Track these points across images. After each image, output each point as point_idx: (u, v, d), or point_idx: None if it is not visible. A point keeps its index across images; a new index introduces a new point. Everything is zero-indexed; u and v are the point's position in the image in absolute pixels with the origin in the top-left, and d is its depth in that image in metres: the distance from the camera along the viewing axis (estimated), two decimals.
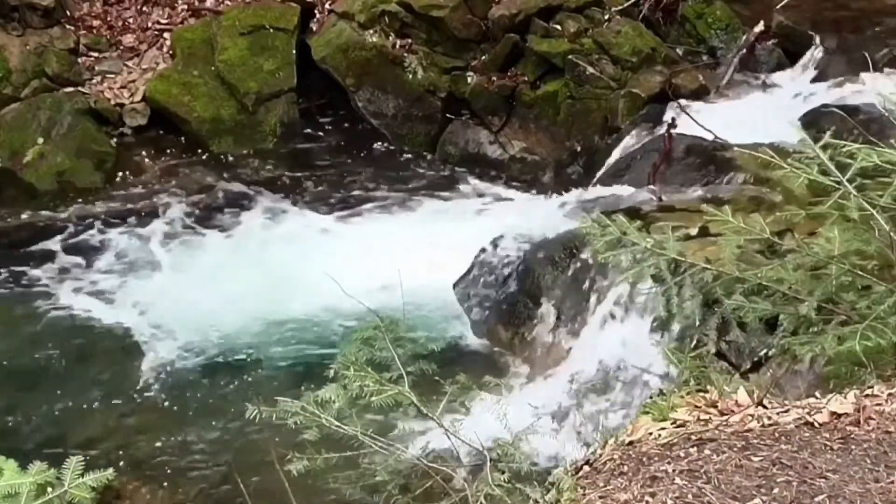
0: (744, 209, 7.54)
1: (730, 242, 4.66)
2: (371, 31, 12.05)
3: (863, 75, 10.61)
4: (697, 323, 5.49)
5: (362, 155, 12.08)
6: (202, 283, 10.16)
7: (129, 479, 7.94)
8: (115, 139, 11.95)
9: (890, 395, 3.84)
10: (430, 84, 11.94)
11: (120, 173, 11.75)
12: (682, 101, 10.94)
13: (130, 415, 8.85)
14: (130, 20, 12.72)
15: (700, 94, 11.17)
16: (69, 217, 11.21)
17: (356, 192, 11.51)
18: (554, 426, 7.74)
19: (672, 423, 3.77)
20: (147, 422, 8.77)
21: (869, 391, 3.89)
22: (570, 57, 11.41)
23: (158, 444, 8.53)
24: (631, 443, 3.70)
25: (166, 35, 12.58)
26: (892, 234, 4.38)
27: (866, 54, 10.70)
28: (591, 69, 11.32)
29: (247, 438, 8.12)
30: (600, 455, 3.66)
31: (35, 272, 10.53)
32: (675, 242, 4.70)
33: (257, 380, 9.12)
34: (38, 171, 11.51)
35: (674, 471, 3.43)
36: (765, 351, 7.00)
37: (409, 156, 12.03)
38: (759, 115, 10.44)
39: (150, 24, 12.68)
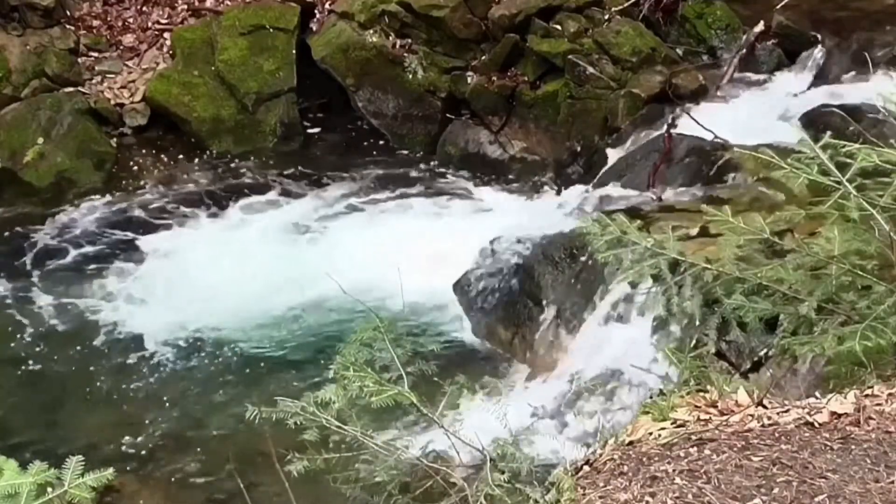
0: (744, 209, 7.54)
1: (730, 242, 4.66)
2: (371, 31, 12.06)
3: (863, 75, 10.61)
4: (697, 323, 5.49)
5: (362, 155, 12.09)
6: (203, 282, 10.16)
7: (129, 479, 7.94)
8: (115, 139, 11.97)
9: (890, 395, 3.84)
10: (430, 84, 11.94)
11: (120, 173, 11.76)
12: (683, 102, 10.95)
13: (131, 414, 8.86)
14: (130, 20, 12.73)
15: (700, 94, 11.15)
16: (69, 217, 11.21)
17: (356, 192, 11.51)
18: (554, 426, 7.75)
19: (672, 423, 3.77)
20: (148, 421, 8.77)
21: (869, 391, 3.89)
22: (570, 57, 11.41)
23: (159, 443, 8.54)
24: (631, 443, 3.70)
25: (166, 35, 12.58)
26: (892, 234, 4.38)
27: (866, 54, 10.70)
28: (591, 69, 11.31)
29: (247, 438, 8.11)
30: (600, 455, 3.66)
31: (35, 272, 10.53)
32: (675, 242, 4.70)
33: (258, 378, 9.12)
34: (38, 171, 11.52)
35: (674, 471, 3.43)
36: (765, 351, 7.00)
37: (409, 156, 12.04)
38: (759, 114, 10.44)
39: (150, 24, 12.68)
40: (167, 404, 8.95)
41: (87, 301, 10.14)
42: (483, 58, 11.92)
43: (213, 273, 10.28)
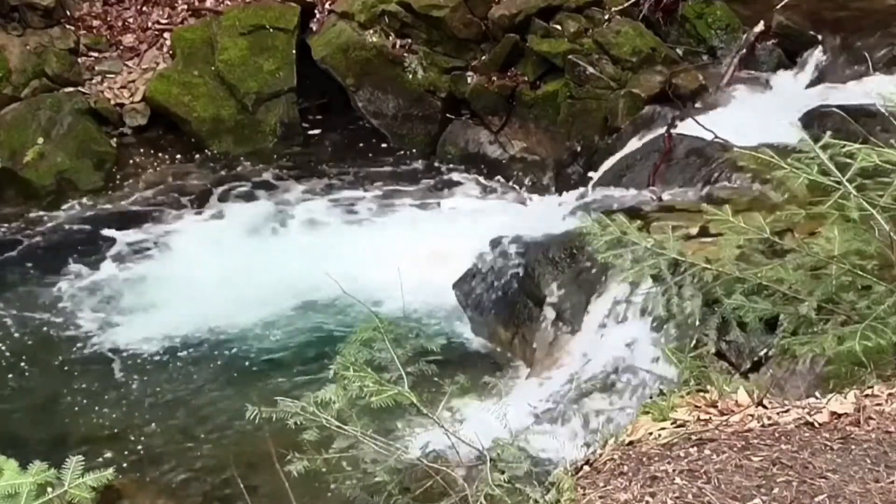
0: (744, 209, 7.54)
1: (730, 242, 4.66)
2: (371, 31, 12.06)
3: (863, 75, 10.61)
4: (697, 323, 5.49)
5: (362, 155, 12.09)
6: (202, 282, 10.16)
7: (129, 479, 7.94)
8: (115, 139, 11.97)
9: (890, 395, 3.84)
10: (430, 84, 11.94)
11: (120, 173, 11.76)
12: (683, 102, 10.95)
13: (130, 414, 8.85)
14: (130, 20, 12.73)
15: (700, 94, 11.16)
16: (69, 217, 11.22)
17: (356, 192, 11.52)
18: (554, 426, 7.75)
19: (672, 423, 3.77)
20: (147, 421, 8.77)
21: (869, 391, 3.88)
22: (570, 57, 11.41)
23: (159, 443, 8.54)
24: (631, 443, 3.70)
25: (166, 35, 12.58)
26: (892, 234, 4.38)
27: (866, 54, 10.70)
28: (591, 69, 11.31)
29: (247, 438, 8.12)
30: (600, 455, 3.66)
31: (34, 272, 10.53)
32: (675, 242, 4.70)
33: (258, 378, 9.12)
34: (38, 171, 11.51)
35: (674, 471, 3.43)
36: (765, 351, 7.00)
37: (409, 156, 12.04)
38: (758, 114, 10.44)
39: (150, 24, 12.68)
40: (167, 404, 8.95)
41: (86, 299, 10.14)
42: (483, 58, 11.92)
43: (212, 272, 10.28)
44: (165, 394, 9.07)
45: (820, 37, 11.22)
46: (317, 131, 12.45)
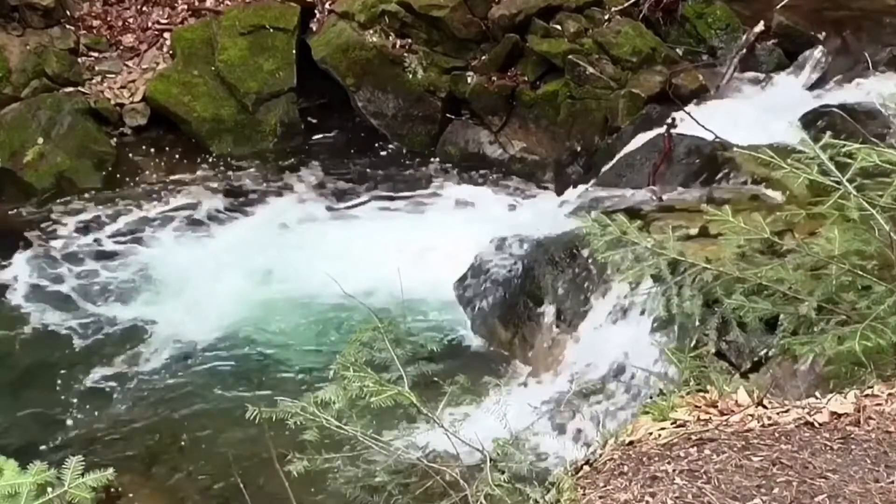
0: (744, 209, 7.54)
1: (730, 242, 4.66)
2: (371, 31, 12.06)
3: (863, 75, 10.62)
4: (697, 323, 5.49)
5: (362, 155, 12.09)
6: (202, 282, 10.16)
7: (129, 479, 7.94)
8: (115, 139, 11.96)
9: (890, 395, 3.84)
10: (430, 84, 11.94)
11: (120, 173, 11.75)
12: (683, 102, 10.95)
13: (131, 414, 8.85)
14: (130, 20, 12.73)
15: (700, 94, 11.16)
16: (68, 217, 11.21)
17: (356, 192, 11.52)
18: (554, 426, 7.75)
19: (672, 423, 3.77)
20: (148, 421, 8.77)
21: (869, 391, 3.89)
22: (570, 57, 11.41)
23: (159, 443, 8.54)
24: (631, 443, 3.70)
25: (166, 35, 12.58)
26: (892, 234, 4.38)
27: (866, 54, 10.70)
28: (591, 69, 11.31)
29: (247, 438, 8.12)
30: (600, 455, 3.66)
31: (35, 271, 10.53)
32: (675, 242, 4.70)
33: (260, 377, 9.12)
34: (38, 171, 11.51)
35: (674, 471, 3.43)
36: (765, 351, 7.00)
37: (409, 155, 12.04)
38: (758, 114, 10.44)
39: (150, 24, 12.68)
40: (167, 404, 8.95)
41: (86, 299, 10.14)
42: (483, 58, 11.91)
43: (211, 273, 10.28)
44: (166, 393, 9.06)
45: (820, 37, 11.22)
46: (317, 131, 12.45)
